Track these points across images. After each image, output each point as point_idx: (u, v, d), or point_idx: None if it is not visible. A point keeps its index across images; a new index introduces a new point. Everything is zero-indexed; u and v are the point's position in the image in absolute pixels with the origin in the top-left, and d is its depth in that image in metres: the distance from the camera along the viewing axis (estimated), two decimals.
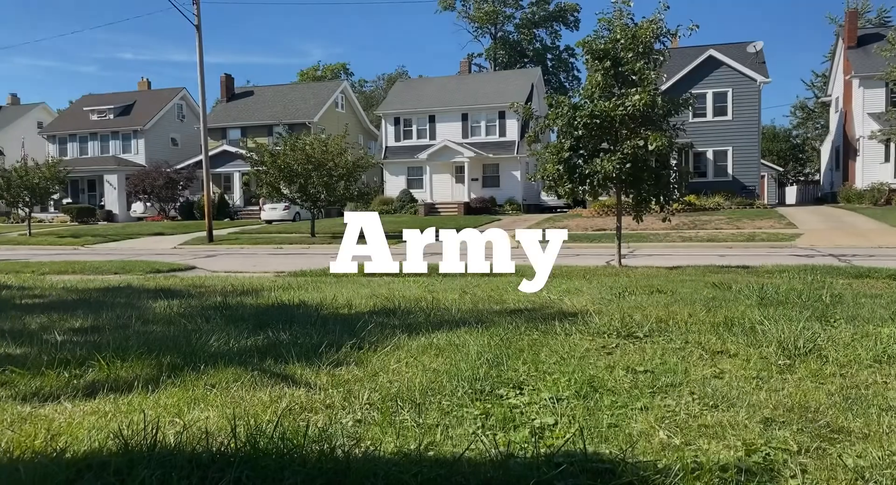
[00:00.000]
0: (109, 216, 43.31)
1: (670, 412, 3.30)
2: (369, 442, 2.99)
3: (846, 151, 36.83)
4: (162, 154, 45.01)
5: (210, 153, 30.87)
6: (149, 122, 46.12)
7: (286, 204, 33.01)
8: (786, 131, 63.74)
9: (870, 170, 32.94)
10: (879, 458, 2.68)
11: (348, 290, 8.53)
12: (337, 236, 25.79)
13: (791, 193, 56.12)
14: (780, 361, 4.20)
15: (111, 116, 47.50)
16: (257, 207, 39.74)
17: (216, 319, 6.13)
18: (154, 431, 2.99)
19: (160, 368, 4.32)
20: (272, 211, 36.41)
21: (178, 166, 42.59)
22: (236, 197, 43.52)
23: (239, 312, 6.58)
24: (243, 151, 27.82)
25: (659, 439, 2.96)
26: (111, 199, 44.24)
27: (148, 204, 42.56)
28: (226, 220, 39.51)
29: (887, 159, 31.97)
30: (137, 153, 45.98)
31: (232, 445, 2.87)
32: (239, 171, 41.75)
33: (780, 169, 57.82)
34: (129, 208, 43.72)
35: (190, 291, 8.87)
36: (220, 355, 4.61)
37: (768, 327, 5.04)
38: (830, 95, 42.72)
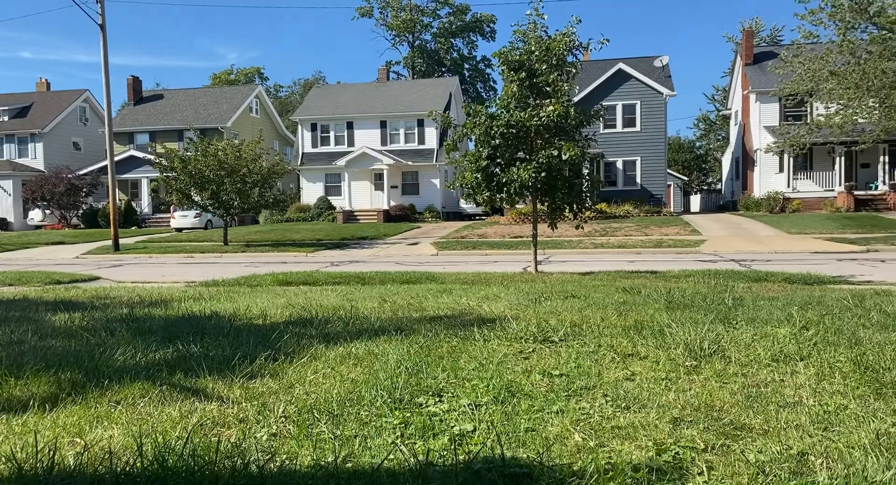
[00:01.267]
0: (4, 224, 40.65)
1: (585, 415, 3.37)
2: (285, 456, 2.91)
3: (745, 161, 39.02)
4: (63, 159, 42.69)
5: (116, 158, 29.55)
6: (48, 124, 43.65)
7: (197, 211, 31.97)
8: (690, 142, 67.06)
9: (766, 180, 35.05)
10: (778, 452, 2.83)
11: (263, 299, 8.32)
12: (251, 245, 25.18)
13: (695, 201, 58.91)
14: (687, 363, 4.37)
15: (6, 118, 44.67)
16: (167, 215, 38.30)
17: (122, 332, 5.84)
18: (51, 452, 2.81)
19: (59, 385, 4.07)
20: (183, 219, 35.19)
21: (81, 172, 40.49)
22: (144, 204, 41.77)
23: (147, 325, 6.30)
24: (152, 157, 26.75)
25: (574, 441, 3.02)
26: (5, 206, 41.53)
27: (47, 211, 40.19)
28: (133, 228, 37.88)
29: (781, 170, 34.09)
30: (35, 158, 43.44)
31: (138, 464, 2.73)
32: (147, 177, 40.12)
33: (685, 178, 60.74)
34: (26, 216, 41.17)
35: (93, 302, 8.42)
36: (126, 370, 4.39)
37: (676, 330, 5.24)
38: (730, 109, 45.18)
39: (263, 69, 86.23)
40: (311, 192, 40.40)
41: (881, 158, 32.39)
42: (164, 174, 24.62)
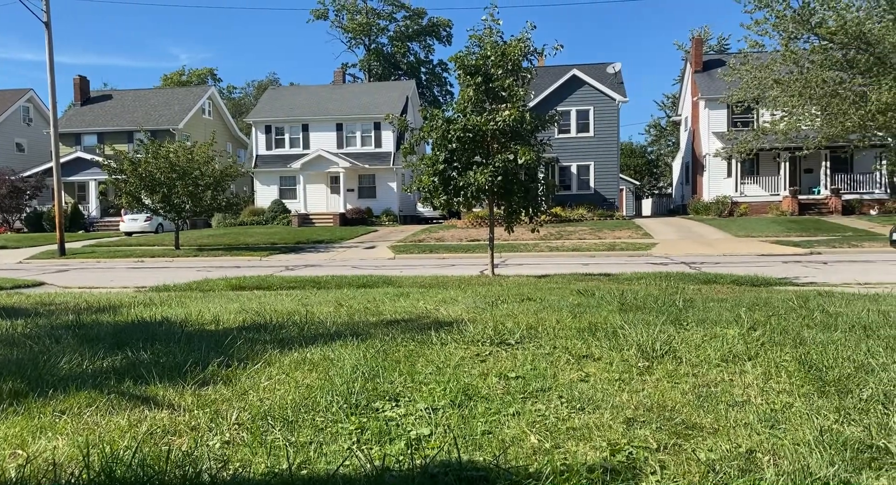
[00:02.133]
0: None
1: (541, 417, 3.40)
2: (238, 464, 2.85)
3: (695, 166, 39.96)
4: (5, 161, 41.20)
5: (62, 160, 28.66)
6: None
7: (148, 215, 31.25)
8: (642, 148, 68.47)
9: (715, 184, 35.97)
10: (727, 451, 2.89)
11: (216, 305, 8.16)
12: (204, 249, 24.69)
13: (647, 205, 60.10)
14: (639, 364, 4.44)
15: None
16: (116, 219, 37.34)
17: (68, 340, 5.65)
18: None
19: None
20: (133, 222, 34.37)
21: (25, 174, 39.17)
22: (92, 207, 40.61)
23: (94, 331, 6.11)
24: (100, 159, 26.05)
25: (530, 443, 3.03)
26: None
27: None
28: (80, 232, 36.79)
29: (729, 175, 35.03)
30: None
31: (84, 475, 2.65)
32: (95, 179, 39.03)
33: (637, 183, 61.92)
34: None
35: (37, 309, 8.13)
36: (72, 378, 4.26)
37: (629, 332, 5.32)
38: (681, 115, 46.25)
39: (216, 70, 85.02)
40: (265, 195, 39.86)
41: (823, 164, 33.57)
42: (114, 177, 24.03)
